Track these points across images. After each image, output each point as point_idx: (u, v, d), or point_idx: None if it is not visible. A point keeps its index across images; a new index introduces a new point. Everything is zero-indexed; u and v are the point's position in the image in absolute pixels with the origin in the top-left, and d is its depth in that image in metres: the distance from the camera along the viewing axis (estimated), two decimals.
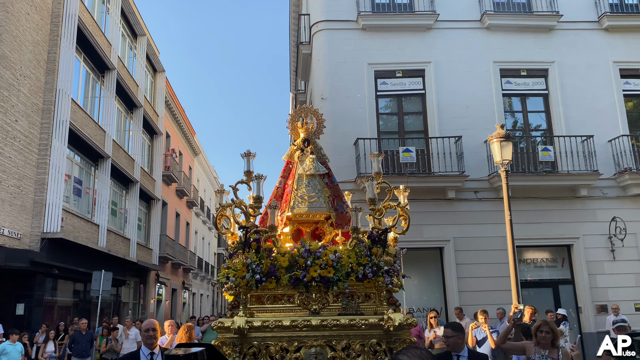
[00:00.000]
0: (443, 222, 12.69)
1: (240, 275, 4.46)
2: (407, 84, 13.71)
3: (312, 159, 5.48)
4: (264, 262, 4.51)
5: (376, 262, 4.59)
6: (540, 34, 13.91)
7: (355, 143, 12.69)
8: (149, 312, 24.44)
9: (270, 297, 4.72)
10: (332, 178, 5.67)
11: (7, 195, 13.27)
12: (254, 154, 4.96)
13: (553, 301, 12.73)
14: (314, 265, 4.50)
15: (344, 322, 4.38)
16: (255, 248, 4.56)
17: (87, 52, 17.88)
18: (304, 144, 5.64)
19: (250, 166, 4.91)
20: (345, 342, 4.38)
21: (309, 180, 5.41)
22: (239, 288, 4.54)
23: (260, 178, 4.83)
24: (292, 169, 5.60)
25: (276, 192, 5.59)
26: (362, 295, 4.74)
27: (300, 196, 5.32)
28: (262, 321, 4.39)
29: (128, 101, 21.89)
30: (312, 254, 4.58)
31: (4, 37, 13.07)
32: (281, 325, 4.36)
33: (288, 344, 4.38)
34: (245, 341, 4.36)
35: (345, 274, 4.56)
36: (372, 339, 4.41)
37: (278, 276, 4.55)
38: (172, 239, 28.55)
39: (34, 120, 14.70)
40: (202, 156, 38.62)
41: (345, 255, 4.64)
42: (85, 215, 17.64)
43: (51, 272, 14.96)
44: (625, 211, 12.86)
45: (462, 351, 4.65)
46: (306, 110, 5.75)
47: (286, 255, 4.62)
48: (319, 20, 13.99)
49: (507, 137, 9.71)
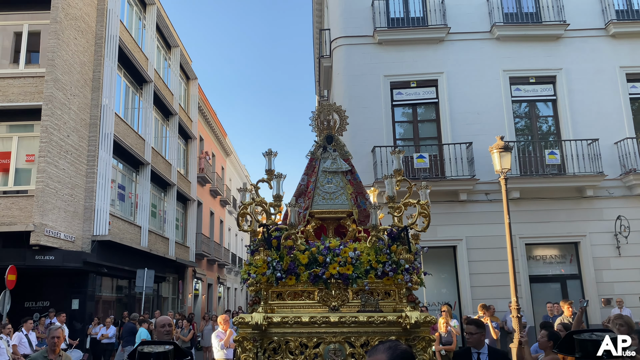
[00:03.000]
0: (456, 222, 13.66)
1: (261, 272, 4.51)
2: (421, 93, 14.67)
3: (335, 156, 5.50)
4: (284, 259, 4.56)
5: (396, 260, 4.55)
6: (549, 42, 14.65)
7: (373, 150, 13.76)
8: (187, 306, 26.11)
9: (291, 294, 4.81)
10: (355, 175, 5.61)
11: (62, 203, 14.88)
12: (275, 152, 5.00)
13: (561, 295, 13.56)
14: (333, 262, 4.51)
15: (363, 319, 4.38)
16: (276, 245, 4.61)
17: (127, 67, 19.43)
18: (327, 141, 5.63)
19: (271, 164, 4.95)
20: (364, 338, 4.38)
21: (331, 177, 5.42)
22: (260, 284, 4.59)
23: (280, 177, 4.88)
24: (315, 166, 5.55)
25: (299, 189, 5.56)
26: (381, 292, 4.75)
27: (323, 193, 5.35)
28: (282, 317, 4.43)
29: (164, 110, 23.47)
30: (332, 251, 4.58)
31: (56, 63, 14.64)
32: (300, 322, 4.39)
33: (307, 339, 4.41)
34: (265, 336, 4.41)
35: (364, 272, 4.53)
36: (390, 336, 4.37)
37: (298, 273, 4.57)
38: (207, 237, 30.19)
39: (83, 134, 16.29)
40: (234, 156, 40.21)
41: (364, 252, 4.61)
42: (128, 218, 19.26)
43: (101, 271, 16.61)
44: (631, 210, 13.57)
45: (483, 348, 4.73)
46: (329, 107, 5.66)
47: (306, 252, 4.62)
48: (338, 37, 15.06)
49: (506, 147, 10.64)
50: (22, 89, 14.74)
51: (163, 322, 4.81)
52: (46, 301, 15.55)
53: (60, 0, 15.06)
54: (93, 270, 16.16)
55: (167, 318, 4.95)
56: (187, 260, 25.49)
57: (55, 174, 14.49)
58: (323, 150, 5.58)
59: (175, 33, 25.40)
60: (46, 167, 14.05)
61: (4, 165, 14.75)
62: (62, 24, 15.11)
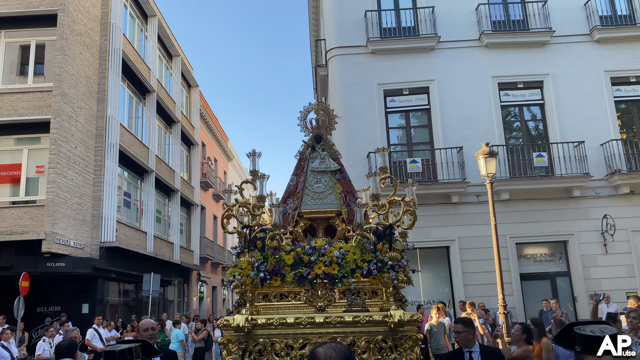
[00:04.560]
0: (448, 223, 14.23)
1: (246, 274, 4.51)
2: (414, 100, 15.25)
3: (324, 156, 5.45)
4: (269, 260, 4.55)
5: (381, 258, 4.51)
6: (535, 48, 15.21)
7: (367, 156, 14.34)
8: (192, 308, 26.74)
9: (277, 295, 4.81)
10: (345, 174, 5.56)
11: (71, 212, 15.52)
12: (259, 153, 5.00)
13: (551, 292, 14.15)
14: (318, 262, 4.49)
15: (348, 319, 4.36)
16: (261, 246, 4.61)
17: (130, 78, 20.08)
18: (315, 141, 5.55)
19: (255, 165, 4.95)
20: (350, 339, 4.36)
21: (320, 176, 5.37)
22: (245, 286, 4.57)
23: (264, 177, 4.86)
24: (304, 166, 5.51)
25: (289, 190, 5.49)
26: (368, 291, 4.74)
27: (311, 193, 5.31)
28: (267, 318, 4.43)
29: (167, 118, 24.11)
30: (317, 251, 4.56)
31: (63, 77, 15.29)
32: (285, 323, 4.38)
33: (293, 341, 4.39)
34: (250, 338, 4.41)
35: (350, 271, 4.51)
36: (377, 336, 4.37)
37: (283, 274, 4.56)
38: (210, 240, 30.84)
39: (90, 145, 16.93)
40: (236, 160, 40.86)
41: (350, 251, 4.59)
42: (134, 224, 19.89)
43: (109, 276, 17.26)
44: (617, 209, 14.14)
45: (474, 347, 4.68)
46: (317, 106, 5.57)
47: (291, 253, 4.60)
48: (333, 47, 15.67)
49: (491, 153, 11.22)
50: (31, 103, 15.39)
51: (146, 325, 4.80)
52: (57, 306, 16.21)
53: (66, 17, 15.70)
54: (101, 275, 16.79)
55: (151, 322, 4.94)
56: (191, 263, 26.14)
57: (64, 184, 15.13)
58: (312, 150, 5.53)
59: (176, 43, 26.05)
60: (56, 177, 14.69)
61: (16, 176, 15.42)
62: (68, 40, 15.75)
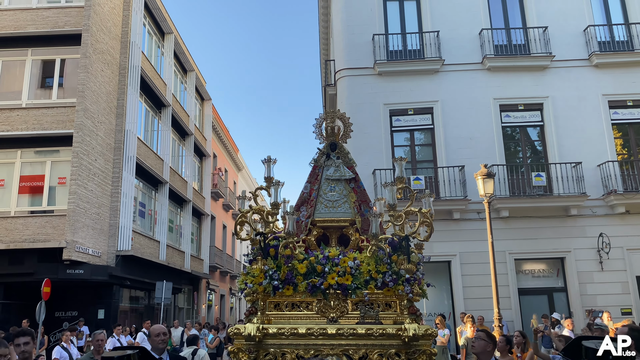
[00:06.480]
0: (450, 239, 14.83)
1: (258, 282, 4.43)
2: (418, 120, 15.94)
3: (338, 164, 5.36)
4: (281, 269, 4.47)
5: (396, 270, 4.39)
6: (536, 72, 15.86)
7: (373, 173, 15.02)
8: (201, 316, 27.42)
9: (289, 304, 4.72)
10: (359, 183, 5.46)
11: (90, 221, 16.31)
12: (274, 159, 4.91)
13: (548, 307, 14.69)
14: (331, 272, 4.39)
15: (361, 331, 4.25)
16: (273, 254, 4.52)
17: (147, 93, 20.95)
18: (330, 149, 5.46)
19: (270, 172, 4.86)
20: (362, 351, 4.26)
21: (334, 185, 5.27)
22: (257, 294, 4.49)
23: (278, 184, 4.77)
24: (318, 174, 5.40)
25: (302, 198, 5.40)
26: (382, 303, 4.63)
27: (325, 201, 5.22)
28: (278, 328, 4.34)
29: (181, 131, 24.97)
30: (330, 260, 4.46)
31: (86, 94, 16.15)
32: (297, 333, 4.29)
33: (304, 352, 4.30)
34: (261, 348, 4.33)
35: (363, 282, 4.40)
36: (390, 349, 4.23)
37: (295, 283, 4.47)
38: (220, 249, 31.57)
39: (108, 158, 17.76)
40: (245, 171, 41.68)
41: (364, 262, 4.47)
42: (148, 233, 20.67)
43: (124, 284, 18.01)
44: (613, 227, 14.68)
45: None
46: (333, 114, 5.48)
47: (304, 262, 4.51)
48: (341, 68, 16.43)
49: (489, 174, 11.87)
50: (55, 117, 16.26)
51: (158, 331, 4.69)
52: (75, 311, 16.95)
53: (89, 37, 16.60)
54: (117, 283, 17.54)
55: (162, 327, 4.83)
56: (201, 272, 26.86)
57: (84, 195, 15.93)
58: (326, 158, 5.43)
59: (191, 58, 26.96)
60: (77, 189, 15.50)
61: (39, 187, 16.25)
62: (91, 59, 16.63)
